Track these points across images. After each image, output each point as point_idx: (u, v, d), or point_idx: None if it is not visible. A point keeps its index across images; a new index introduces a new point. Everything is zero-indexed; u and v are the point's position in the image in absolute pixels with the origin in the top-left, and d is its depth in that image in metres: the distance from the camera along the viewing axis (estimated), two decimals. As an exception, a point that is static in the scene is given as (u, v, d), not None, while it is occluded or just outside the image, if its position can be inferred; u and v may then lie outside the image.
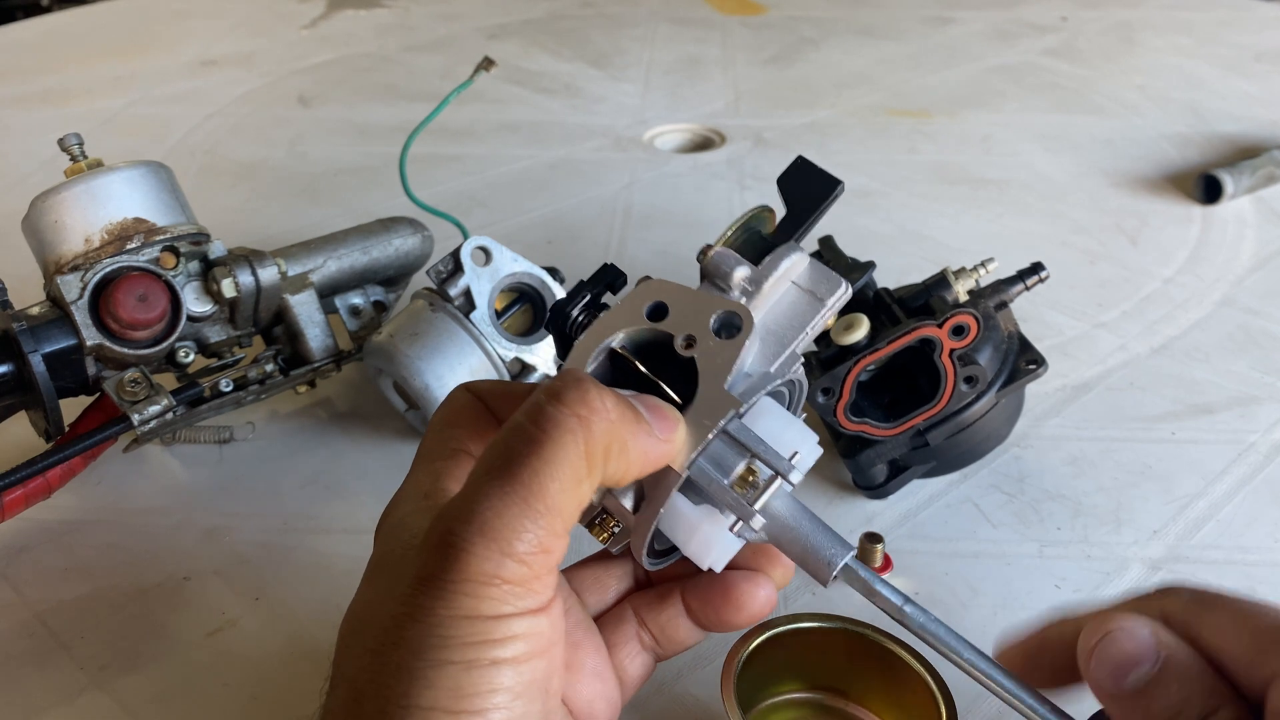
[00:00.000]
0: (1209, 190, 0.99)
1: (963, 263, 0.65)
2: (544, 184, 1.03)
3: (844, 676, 0.50)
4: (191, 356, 0.64)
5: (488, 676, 0.28)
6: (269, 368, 0.65)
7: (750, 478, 0.34)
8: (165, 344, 0.62)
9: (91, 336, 0.59)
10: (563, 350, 0.37)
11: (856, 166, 1.07)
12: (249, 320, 0.66)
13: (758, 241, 0.38)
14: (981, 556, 0.59)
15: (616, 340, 0.35)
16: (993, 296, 0.63)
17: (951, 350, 0.58)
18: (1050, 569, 0.58)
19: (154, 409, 0.60)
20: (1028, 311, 0.78)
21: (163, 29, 1.51)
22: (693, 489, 0.35)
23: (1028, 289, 0.64)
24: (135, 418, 0.59)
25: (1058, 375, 0.73)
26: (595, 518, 0.36)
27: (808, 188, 0.38)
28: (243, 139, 1.16)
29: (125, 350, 0.60)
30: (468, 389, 0.38)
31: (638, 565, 0.40)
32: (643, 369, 0.35)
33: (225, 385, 0.63)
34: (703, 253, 0.37)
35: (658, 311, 0.35)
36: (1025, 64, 1.35)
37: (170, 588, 0.58)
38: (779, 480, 0.34)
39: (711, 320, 0.34)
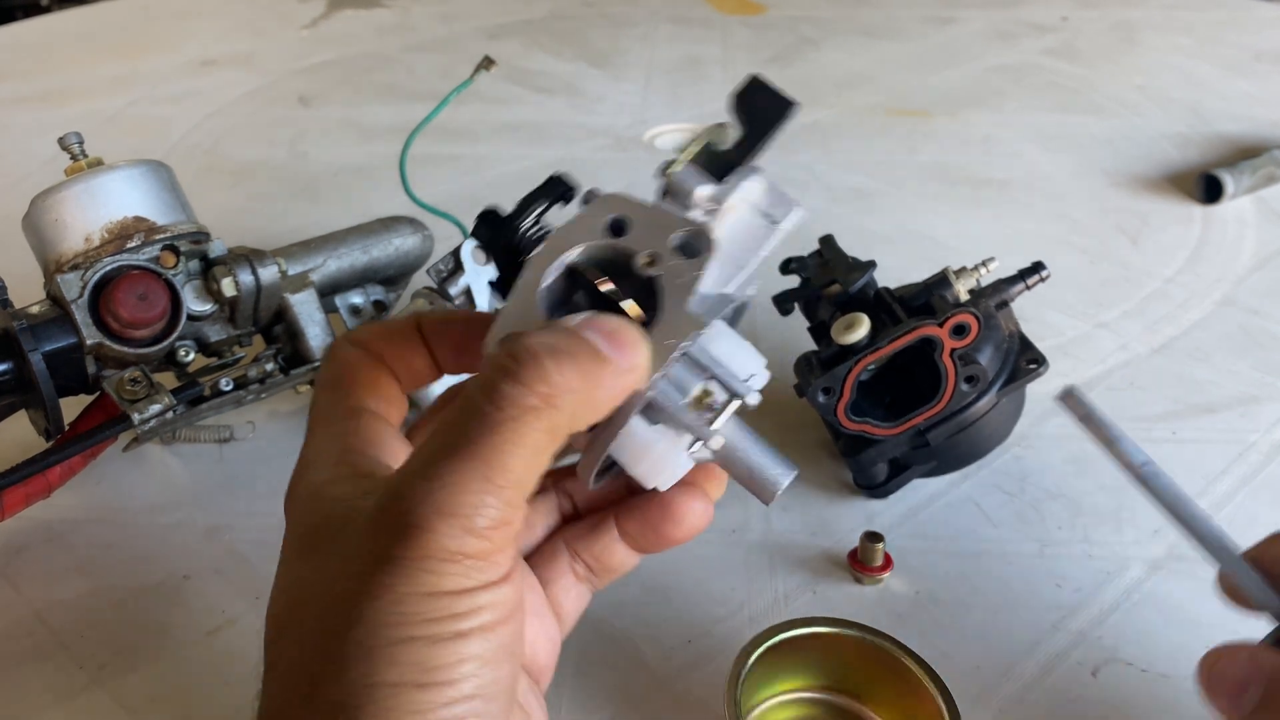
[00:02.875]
0: (1209, 190, 0.99)
1: (963, 262, 0.65)
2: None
3: (848, 679, 0.50)
4: (191, 355, 0.64)
5: (455, 648, 0.27)
6: (269, 367, 0.65)
7: (706, 399, 0.34)
8: (165, 343, 0.62)
9: (91, 335, 0.59)
10: (507, 267, 0.36)
11: (856, 166, 1.07)
12: (249, 319, 0.66)
13: (718, 159, 0.37)
14: (982, 556, 0.59)
15: (574, 255, 0.33)
16: (993, 296, 0.63)
17: (952, 350, 0.58)
18: (1051, 568, 0.58)
19: (154, 408, 0.60)
20: (1028, 311, 0.78)
21: (163, 29, 1.51)
22: (648, 409, 0.34)
23: (1028, 288, 0.64)
24: (135, 417, 0.59)
25: (1059, 375, 0.73)
26: None
27: (763, 108, 0.37)
28: (243, 139, 1.16)
29: (125, 349, 0.60)
30: (350, 340, 0.36)
31: (562, 498, 0.40)
32: (606, 288, 0.34)
33: (225, 384, 0.63)
34: (665, 168, 0.36)
35: (618, 227, 0.33)
36: (1025, 64, 1.35)
37: (170, 587, 0.58)
38: (737, 401, 0.34)
39: (673, 238, 0.33)
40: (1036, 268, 0.63)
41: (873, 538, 0.57)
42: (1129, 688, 0.51)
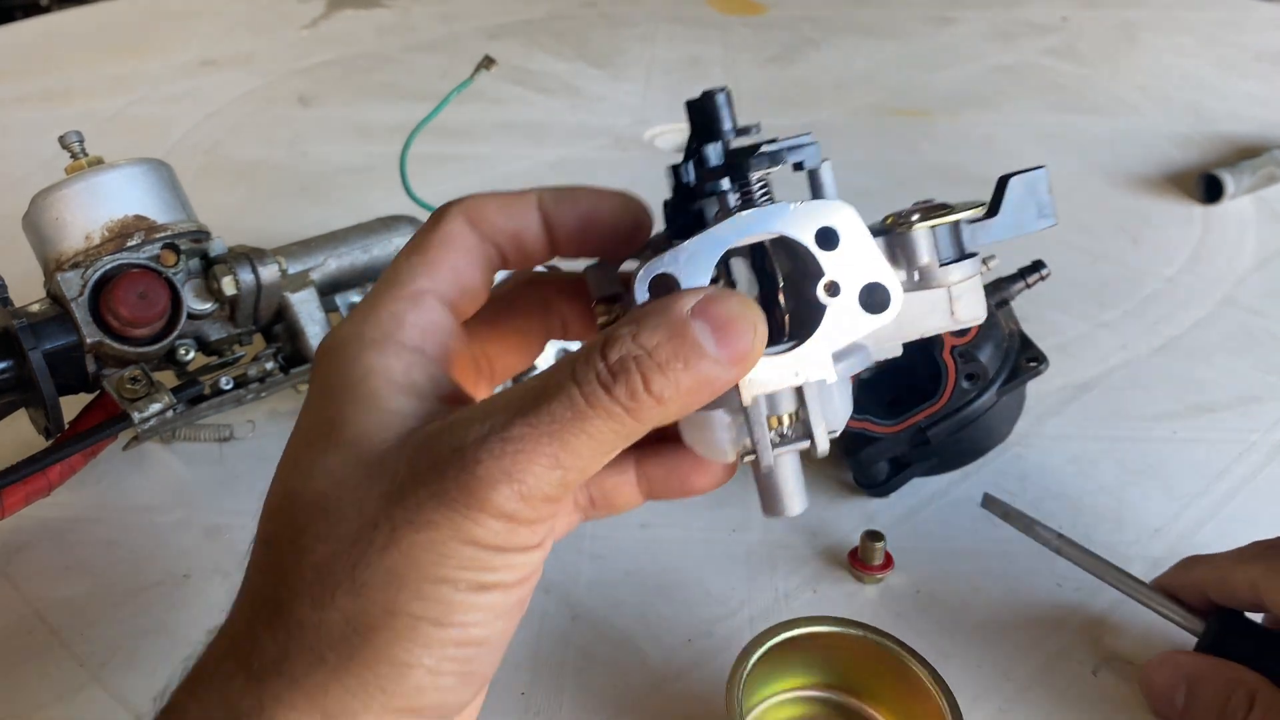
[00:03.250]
0: (1210, 190, 0.99)
1: (964, 261, 0.64)
2: (544, 183, 1.02)
3: (849, 678, 0.50)
4: (192, 354, 0.64)
5: (477, 597, 0.29)
6: (269, 366, 0.65)
7: (782, 423, 0.33)
8: (165, 342, 0.62)
9: (92, 334, 0.59)
10: (684, 197, 0.33)
11: (856, 166, 1.06)
12: (249, 318, 0.66)
13: (955, 235, 0.36)
14: (982, 555, 0.59)
15: (772, 235, 0.32)
16: (994, 294, 0.63)
17: (953, 347, 0.58)
18: (1052, 568, 0.58)
19: (154, 407, 0.60)
20: (1029, 311, 0.78)
21: (163, 29, 1.50)
22: (729, 401, 0.33)
23: (1029, 287, 0.63)
24: (135, 415, 0.59)
25: (1059, 374, 0.73)
26: (609, 300, 0.35)
27: (1019, 208, 0.37)
28: (243, 139, 1.16)
29: (125, 348, 0.60)
30: (466, 217, 0.34)
31: None
32: (781, 297, 0.33)
33: (225, 383, 0.63)
34: (909, 219, 0.35)
35: (828, 238, 0.32)
36: (1026, 64, 1.35)
37: (170, 585, 0.58)
38: (806, 443, 0.33)
39: (865, 284, 0.32)
40: (1036, 266, 0.63)
41: (873, 537, 0.57)
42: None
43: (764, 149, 0.33)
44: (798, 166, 0.33)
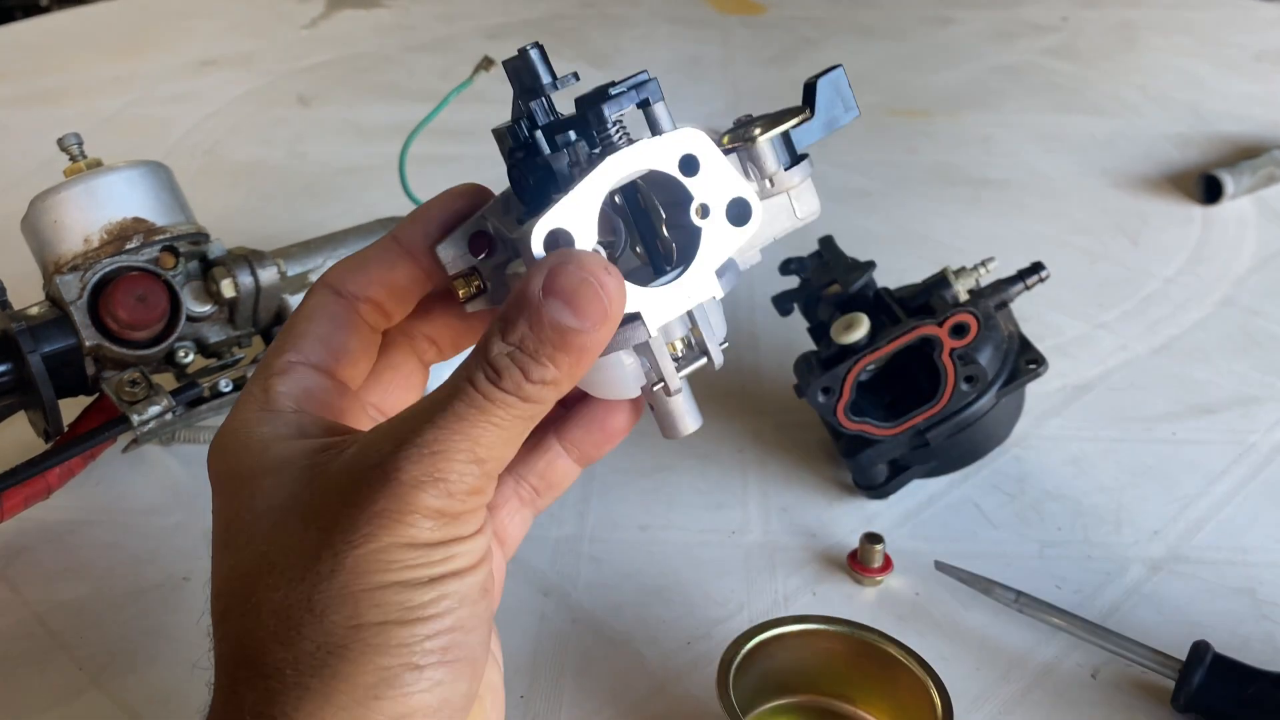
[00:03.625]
0: (1209, 190, 0.99)
1: (963, 262, 0.65)
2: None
3: (844, 679, 0.50)
4: (191, 356, 0.64)
5: (435, 588, 0.30)
6: (268, 368, 0.65)
7: (673, 348, 0.35)
8: (164, 344, 0.62)
9: (91, 337, 0.59)
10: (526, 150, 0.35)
11: (856, 167, 1.06)
12: (248, 320, 0.66)
13: (791, 142, 0.38)
14: (982, 557, 0.59)
15: (640, 173, 0.34)
16: (993, 296, 0.63)
17: (952, 349, 0.58)
18: (1050, 569, 0.58)
19: (153, 409, 0.59)
20: (1028, 312, 0.78)
21: (163, 29, 1.51)
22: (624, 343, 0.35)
23: (1028, 288, 0.63)
24: (134, 418, 0.59)
25: (1058, 375, 0.73)
26: (467, 274, 0.36)
27: (831, 104, 0.38)
28: (243, 139, 1.16)
29: (124, 350, 0.60)
30: (329, 285, 0.36)
31: None
32: (664, 231, 0.35)
33: (225, 385, 0.63)
34: (750, 129, 0.36)
35: (690, 165, 0.34)
36: (1025, 64, 1.34)
37: (170, 588, 0.58)
38: (704, 360, 0.36)
39: (730, 200, 0.34)
40: (1036, 268, 0.63)
41: (872, 539, 0.57)
42: (1128, 690, 0.51)
43: (611, 92, 0.34)
44: (643, 104, 0.35)
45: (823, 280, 0.65)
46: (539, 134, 0.34)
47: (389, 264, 0.36)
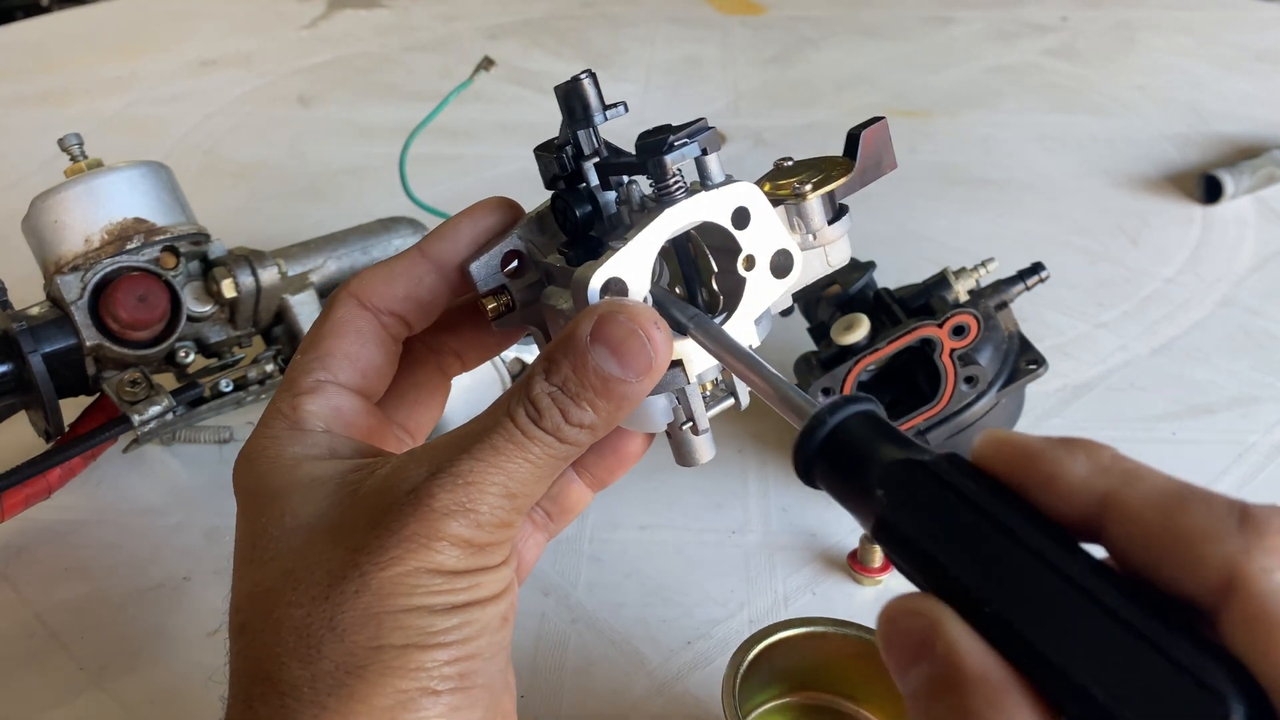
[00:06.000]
0: (1209, 190, 0.99)
1: (963, 263, 0.65)
2: (543, 183, 1.03)
3: (845, 678, 0.50)
4: (191, 357, 0.64)
5: (457, 615, 0.30)
6: (269, 368, 0.65)
7: (705, 389, 0.36)
8: (165, 344, 0.62)
9: (91, 337, 0.59)
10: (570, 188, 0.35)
11: (857, 166, 1.06)
12: (249, 320, 0.66)
13: (831, 198, 0.38)
14: (982, 557, 0.59)
15: (695, 224, 0.34)
16: (993, 296, 0.63)
17: (952, 350, 0.58)
18: (1051, 569, 0.58)
19: (154, 409, 0.60)
20: (1028, 312, 0.78)
21: (163, 29, 1.51)
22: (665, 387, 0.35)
23: (1028, 289, 0.64)
24: (135, 418, 0.59)
25: (1058, 375, 0.73)
26: (496, 292, 0.36)
27: (874, 157, 0.39)
28: (243, 139, 1.16)
29: (125, 350, 0.60)
30: (355, 297, 0.36)
31: None
32: (714, 284, 0.36)
33: (225, 385, 0.63)
34: (796, 179, 0.37)
35: (742, 218, 0.34)
36: (1025, 64, 1.34)
37: (170, 588, 0.58)
38: (731, 401, 0.36)
39: (775, 254, 0.35)
40: (1036, 268, 0.63)
41: (872, 539, 0.57)
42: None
43: (674, 142, 0.34)
44: (703, 153, 0.34)
45: (822, 280, 0.65)
46: (588, 166, 0.35)
47: (417, 278, 0.36)
